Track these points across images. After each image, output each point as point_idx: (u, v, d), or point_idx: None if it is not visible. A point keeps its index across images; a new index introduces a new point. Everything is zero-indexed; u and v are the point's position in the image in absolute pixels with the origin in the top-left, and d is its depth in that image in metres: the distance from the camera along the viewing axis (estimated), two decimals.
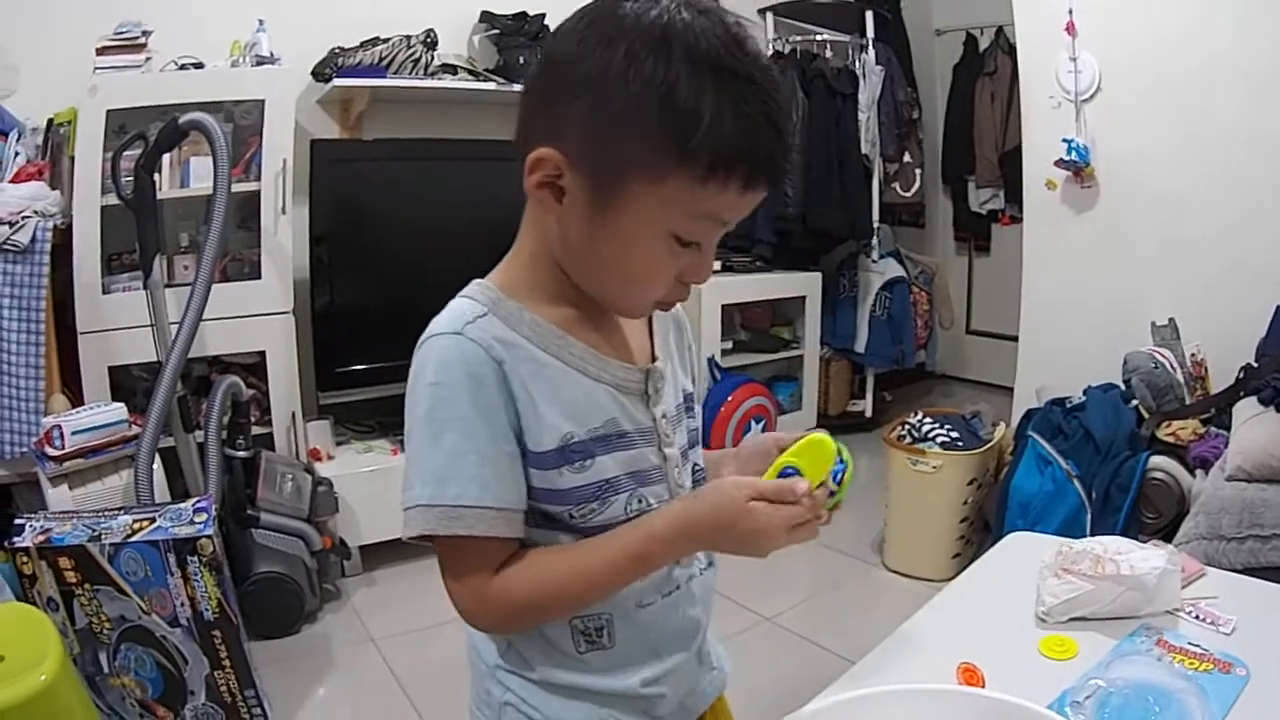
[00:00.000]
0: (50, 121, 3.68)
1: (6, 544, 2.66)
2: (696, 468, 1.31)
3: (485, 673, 1.28)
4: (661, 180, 1.02)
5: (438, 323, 1.13)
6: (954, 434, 4.09)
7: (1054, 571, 1.74)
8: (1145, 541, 1.96)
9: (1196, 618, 1.71)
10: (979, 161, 6.72)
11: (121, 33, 3.65)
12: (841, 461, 1.09)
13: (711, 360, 5.25)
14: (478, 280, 1.19)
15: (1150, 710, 1.43)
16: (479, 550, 1.09)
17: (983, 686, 1.45)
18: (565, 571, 1.11)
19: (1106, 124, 4.42)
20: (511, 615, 1.13)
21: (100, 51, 3.61)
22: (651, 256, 1.09)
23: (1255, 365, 3.74)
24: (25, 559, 2.60)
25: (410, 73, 4.34)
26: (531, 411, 1.10)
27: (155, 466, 3.24)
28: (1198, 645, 1.59)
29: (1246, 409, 3.44)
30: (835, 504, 1.12)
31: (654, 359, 1.27)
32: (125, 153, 3.41)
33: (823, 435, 1.05)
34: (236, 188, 3.58)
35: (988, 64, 6.73)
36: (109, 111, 3.51)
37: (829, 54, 5.96)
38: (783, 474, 1.05)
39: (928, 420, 4.19)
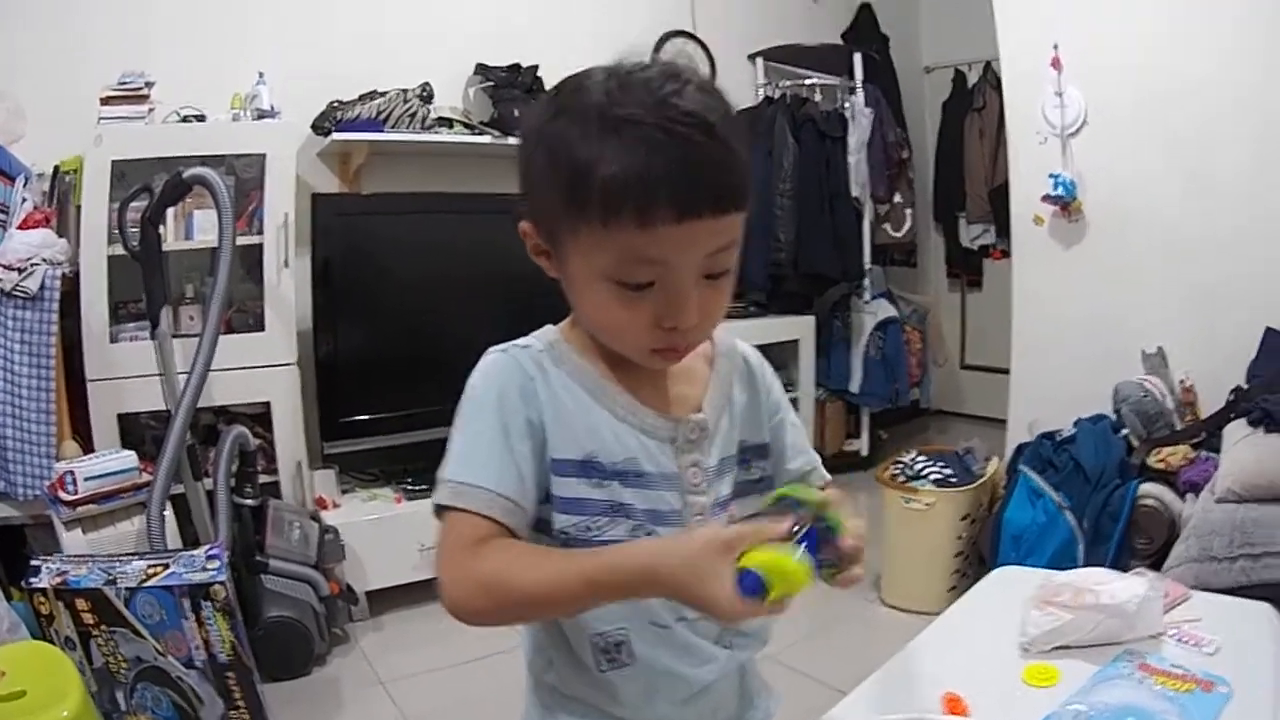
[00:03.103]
0: (56, 169, 3.75)
1: (24, 584, 2.72)
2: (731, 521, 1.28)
3: (528, 692, 1.36)
4: (576, 232, 1.09)
5: (499, 344, 1.24)
6: (947, 470, 4.15)
7: (1036, 604, 1.79)
8: (1137, 567, 2.01)
9: (1180, 640, 1.75)
10: (969, 198, 6.78)
11: (125, 83, 3.73)
12: (827, 528, 1.09)
13: None
14: (548, 326, 1.27)
15: None
16: (471, 526, 1.13)
17: (966, 715, 1.50)
18: (529, 562, 1.12)
19: (1093, 157, 4.49)
20: (470, 592, 1.11)
21: (105, 101, 3.69)
22: (606, 305, 1.13)
23: (1245, 388, 3.79)
24: (43, 599, 2.66)
25: (407, 126, 4.41)
26: (557, 422, 1.18)
27: (166, 513, 3.29)
28: (1180, 666, 1.63)
29: (1236, 431, 3.49)
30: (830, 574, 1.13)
31: (699, 410, 1.29)
32: (131, 204, 3.51)
33: (799, 566, 1.02)
34: (239, 240, 3.64)
35: (976, 99, 6.81)
36: (113, 161, 3.59)
37: (818, 97, 6.01)
38: (746, 579, 1.00)
39: (920, 458, 4.25)
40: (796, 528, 1.05)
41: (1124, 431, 3.99)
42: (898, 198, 6.29)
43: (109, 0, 3.99)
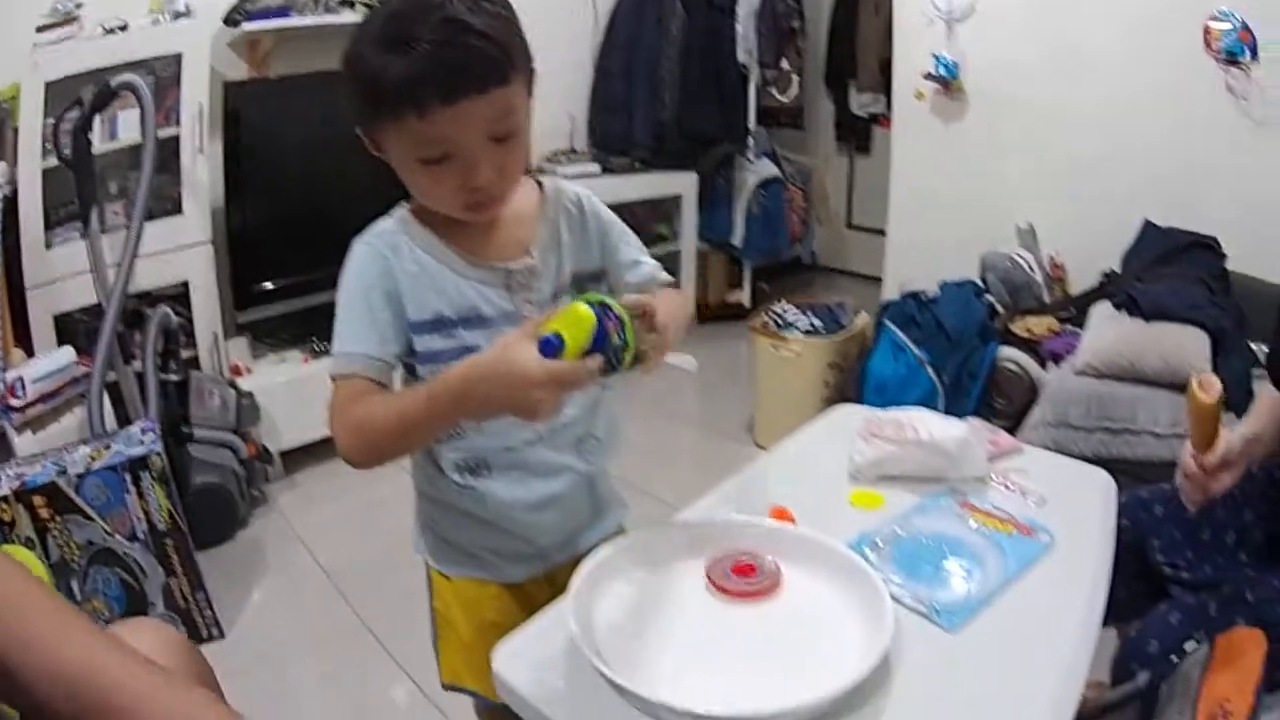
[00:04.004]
0: None
1: None
2: None
3: (416, 498, 1.68)
4: (384, 129, 1.35)
5: (362, 234, 1.49)
6: (816, 322, 4.29)
7: (863, 436, 1.89)
8: (998, 427, 2.11)
9: (1005, 487, 1.85)
10: (861, 67, 6.78)
11: (58, 9, 3.74)
12: (615, 317, 1.24)
13: None
14: (401, 204, 1.52)
15: (942, 555, 1.58)
16: (349, 387, 1.40)
17: (792, 523, 1.59)
18: (382, 401, 1.39)
19: (979, 42, 4.58)
20: (347, 436, 1.37)
21: (40, 29, 3.70)
22: (420, 180, 1.39)
23: (1118, 273, 3.94)
24: (4, 506, 2.72)
25: (313, 10, 4.43)
26: (411, 291, 1.44)
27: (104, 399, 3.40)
28: (1002, 510, 1.73)
29: (1102, 311, 3.62)
30: (634, 355, 1.28)
31: (528, 253, 1.51)
32: (65, 117, 3.56)
33: (582, 306, 1.21)
34: (159, 133, 3.69)
35: None
36: (48, 84, 3.60)
37: None
38: (545, 340, 1.18)
39: (791, 309, 4.38)
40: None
41: (989, 298, 4.12)
42: (785, 64, 6.31)
43: None
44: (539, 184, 1.59)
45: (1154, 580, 2.01)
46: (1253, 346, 3.29)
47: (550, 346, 1.17)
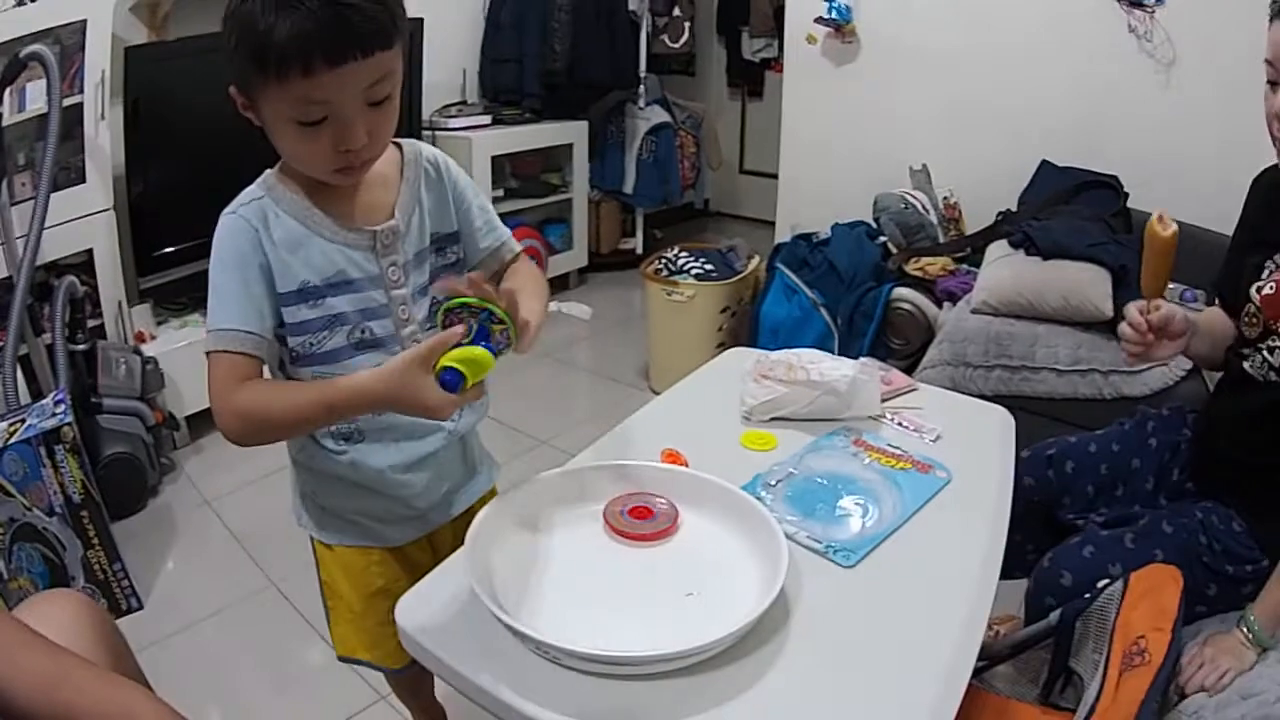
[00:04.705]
0: None
1: None
2: (434, 301, 1.55)
3: (292, 468, 1.68)
4: (265, 89, 1.30)
5: (229, 205, 1.47)
6: (708, 266, 4.26)
7: (754, 377, 1.87)
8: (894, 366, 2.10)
9: (900, 424, 1.86)
10: (753, 13, 6.78)
11: None
12: (498, 319, 1.31)
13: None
14: (267, 170, 1.50)
15: (837, 494, 1.57)
16: (230, 364, 1.40)
17: (684, 466, 1.57)
18: (277, 395, 1.41)
19: None
20: (232, 421, 1.37)
21: None
22: (294, 141, 1.36)
23: (1014, 211, 3.95)
24: None
25: None
26: (279, 263, 1.43)
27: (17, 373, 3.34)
28: (897, 447, 1.74)
29: (997, 250, 3.61)
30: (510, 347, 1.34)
31: (391, 216, 1.52)
32: None
33: (481, 351, 1.28)
34: (64, 102, 3.63)
35: None
36: None
37: None
38: (447, 379, 1.26)
39: (683, 254, 4.35)
40: (471, 327, 1.29)
41: (882, 239, 4.11)
42: (676, 11, 6.24)
43: None
44: (398, 146, 1.60)
45: (1061, 535, 2.00)
46: None
47: (451, 385, 1.26)
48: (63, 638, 1.31)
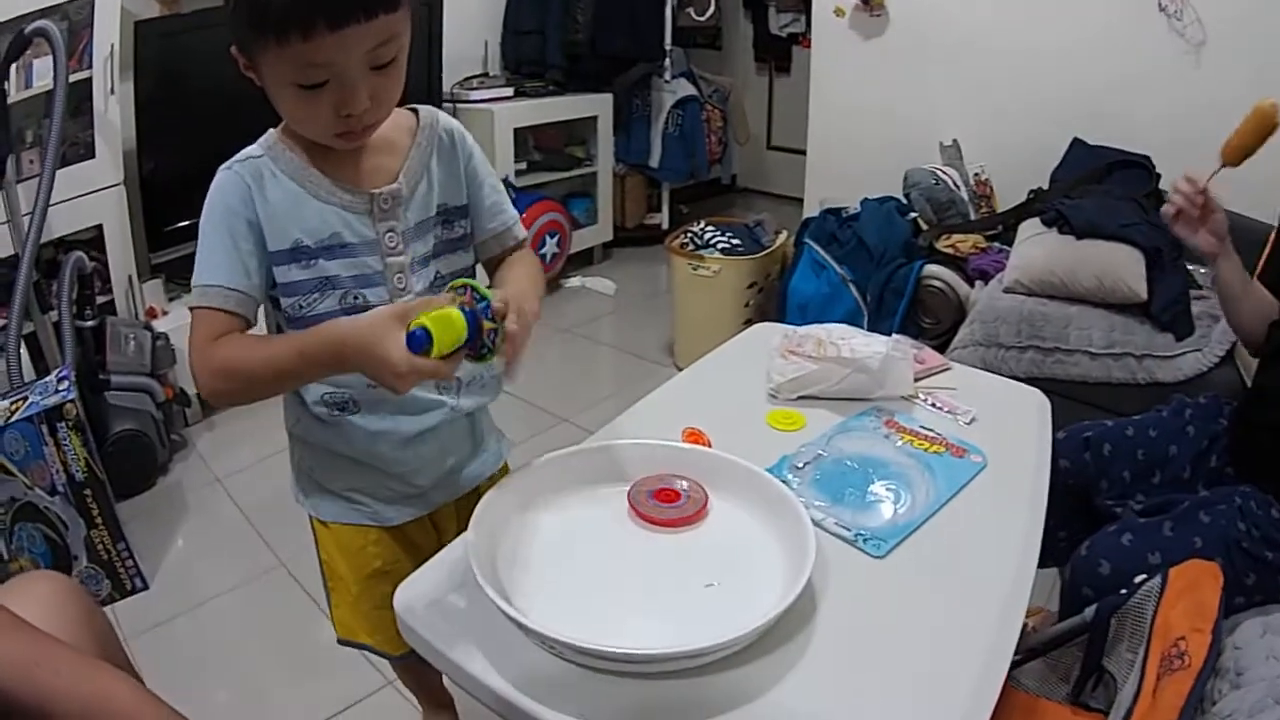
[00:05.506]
0: None
1: None
2: (438, 275, 1.54)
3: (289, 442, 1.67)
4: (265, 51, 1.25)
5: (226, 161, 1.43)
6: (735, 240, 4.19)
7: (781, 353, 1.79)
8: (924, 345, 2.02)
9: (934, 405, 1.78)
10: None
11: None
12: (489, 314, 1.26)
13: (505, 181, 5.21)
14: (270, 129, 1.46)
15: (868, 479, 1.49)
16: (212, 319, 1.38)
17: (708, 446, 1.50)
18: (254, 348, 1.35)
19: None
20: (211, 377, 1.36)
21: None
22: (295, 104, 1.32)
23: (1045, 189, 3.86)
24: None
25: None
26: (271, 221, 1.39)
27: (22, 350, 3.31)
28: (931, 429, 1.67)
29: (1030, 228, 3.53)
30: (494, 354, 1.29)
31: (394, 180, 1.47)
32: None
33: (456, 313, 1.22)
34: (72, 77, 3.62)
35: None
36: None
37: None
38: (413, 335, 1.19)
39: (710, 228, 4.28)
40: (464, 311, 1.23)
41: (912, 215, 4.04)
42: None
43: None
44: (415, 111, 1.55)
45: (1097, 522, 1.94)
46: (1190, 268, 3.25)
47: (417, 342, 1.19)
48: (44, 621, 1.28)
